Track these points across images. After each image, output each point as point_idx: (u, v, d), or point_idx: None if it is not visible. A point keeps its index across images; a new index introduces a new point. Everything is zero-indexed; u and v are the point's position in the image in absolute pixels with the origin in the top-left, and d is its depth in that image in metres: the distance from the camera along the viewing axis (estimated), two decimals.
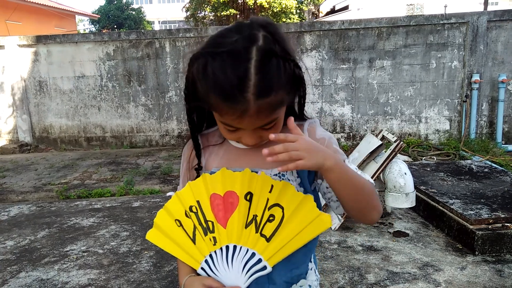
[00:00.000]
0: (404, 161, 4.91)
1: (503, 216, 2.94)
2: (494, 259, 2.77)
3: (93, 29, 25.92)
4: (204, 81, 0.78)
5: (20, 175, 5.50)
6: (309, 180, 0.94)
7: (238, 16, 13.54)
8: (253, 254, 0.87)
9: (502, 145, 5.88)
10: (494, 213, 3.00)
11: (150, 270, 2.81)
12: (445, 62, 6.13)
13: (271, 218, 0.87)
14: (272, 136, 0.78)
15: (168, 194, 1.02)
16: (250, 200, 0.88)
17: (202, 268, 0.90)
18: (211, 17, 14.25)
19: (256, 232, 0.87)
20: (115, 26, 25.11)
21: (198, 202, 0.91)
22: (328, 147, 0.93)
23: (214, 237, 0.89)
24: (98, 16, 24.57)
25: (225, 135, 0.90)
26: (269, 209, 0.87)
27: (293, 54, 0.82)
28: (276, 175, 0.90)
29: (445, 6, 12.26)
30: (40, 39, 6.75)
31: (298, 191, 0.89)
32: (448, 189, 3.58)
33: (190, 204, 0.92)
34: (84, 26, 32.95)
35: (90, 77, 6.82)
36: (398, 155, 5.65)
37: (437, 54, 6.11)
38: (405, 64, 6.20)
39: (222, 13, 12.93)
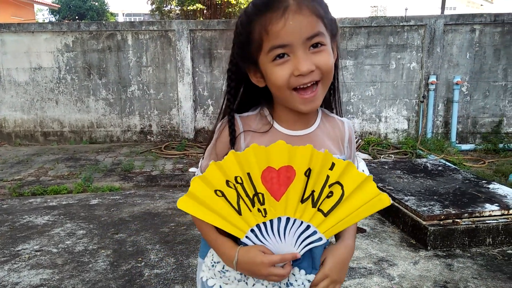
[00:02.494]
0: (364, 159, 5.04)
1: (453, 212, 3.08)
2: (444, 254, 2.90)
3: (53, 20, 24.87)
4: (245, 14, 0.88)
5: None
6: None
7: (205, 11, 13.39)
8: (308, 227, 0.90)
9: (456, 145, 6.15)
10: (445, 209, 3.13)
11: (106, 269, 2.74)
12: (404, 63, 6.33)
13: (329, 194, 0.89)
14: None
15: (190, 169, 1.02)
16: (308, 176, 0.88)
17: (247, 237, 0.91)
18: (177, 11, 13.99)
19: (313, 207, 0.89)
20: (77, 17, 24.19)
21: (248, 174, 0.88)
22: (353, 152, 1.10)
23: (264, 209, 0.90)
24: (58, 6, 23.52)
25: (278, 78, 0.87)
26: (329, 186, 0.88)
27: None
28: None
29: (406, 9, 12.69)
30: None
31: None
32: (404, 186, 3.71)
33: (235, 175, 0.88)
34: (43, 16, 31.54)
35: (47, 69, 6.54)
36: (359, 153, 5.79)
37: (396, 55, 6.30)
38: (366, 64, 6.35)
39: (188, 8, 12.74)
